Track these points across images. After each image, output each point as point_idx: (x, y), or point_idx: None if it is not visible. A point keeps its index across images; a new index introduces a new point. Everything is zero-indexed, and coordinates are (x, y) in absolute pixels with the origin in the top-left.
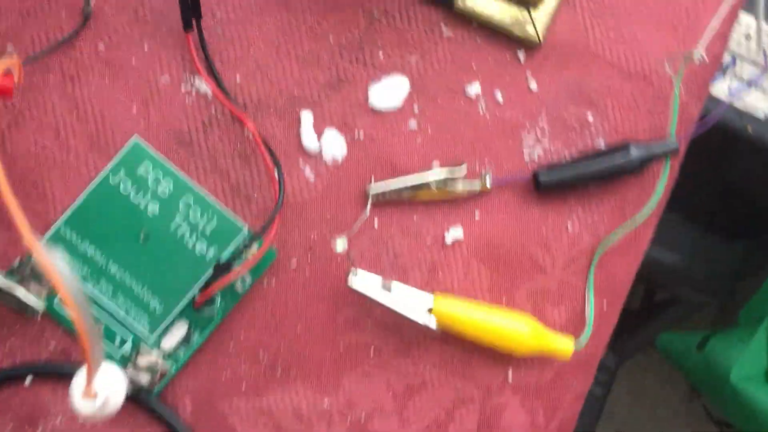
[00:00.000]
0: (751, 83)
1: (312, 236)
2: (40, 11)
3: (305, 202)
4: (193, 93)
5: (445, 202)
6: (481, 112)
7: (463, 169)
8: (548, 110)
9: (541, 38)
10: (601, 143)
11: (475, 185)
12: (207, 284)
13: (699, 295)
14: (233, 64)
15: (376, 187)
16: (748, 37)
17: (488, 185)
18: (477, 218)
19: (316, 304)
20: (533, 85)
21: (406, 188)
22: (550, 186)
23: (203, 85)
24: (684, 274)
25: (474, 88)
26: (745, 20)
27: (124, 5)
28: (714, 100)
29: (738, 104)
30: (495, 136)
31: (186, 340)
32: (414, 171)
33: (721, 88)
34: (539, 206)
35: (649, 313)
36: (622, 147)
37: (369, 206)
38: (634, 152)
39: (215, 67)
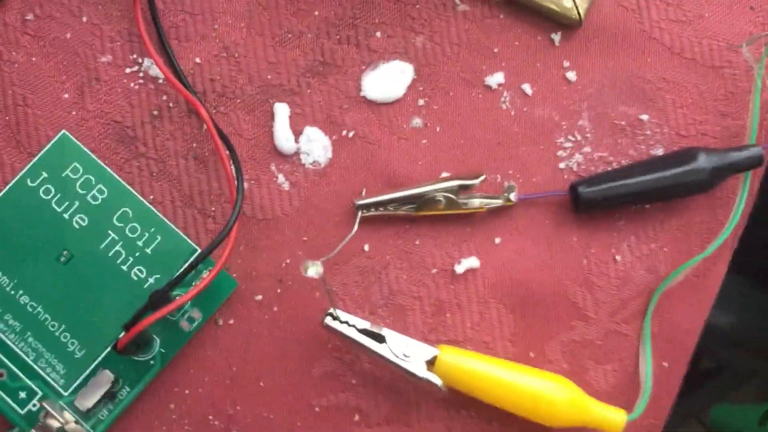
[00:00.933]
0: None
1: (283, 263)
2: None
3: (277, 217)
4: (141, 77)
5: (456, 221)
6: (505, 108)
7: (479, 180)
8: (590, 107)
9: (582, 16)
10: (659, 151)
11: (496, 201)
12: (135, 320)
13: (752, 361)
14: (192, 42)
15: (367, 200)
16: None
17: (513, 200)
18: (497, 243)
19: (286, 351)
20: (571, 76)
21: (406, 202)
22: (593, 204)
23: (153, 68)
24: (734, 337)
25: (496, 78)
26: None
27: None
28: None
29: None
30: (522, 139)
31: (110, 395)
32: (417, 181)
33: None
34: (579, 231)
35: (693, 382)
36: (688, 155)
37: (357, 224)
38: (704, 162)
39: (169, 45)
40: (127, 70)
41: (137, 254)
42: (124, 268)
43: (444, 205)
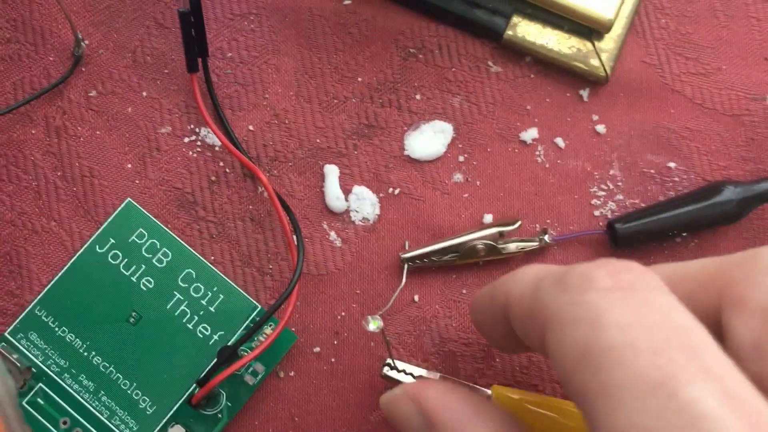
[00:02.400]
0: None
1: (338, 315)
2: (25, 56)
3: (330, 273)
4: (198, 145)
5: (497, 267)
6: (540, 161)
7: (516, 226)
8: (620, 157)
9: (608, 72)
10: None
11: (532, 243)
12: (207, 376)
13: None
14: (245, 111)
15: (412, 253)
16: None
17: (547, 241)
18: None
19: (345, 401)
20: (601, 129)
21: (449, 252)
22: (629, 239)
23: (210, 136)
24: None
25: (530, 134)
26: None
27: (121, 46)
28: None
29: None
30: (557, 190)
31: None
32: (462, 231)
33: None
34: None
35: None
36: (717, 188)
37: (405, 276)
38: (731, 194)
39: (224, 114)
40: (186, 140)
41: (202, 313)
42: (190, 326)
43: (484, 252)
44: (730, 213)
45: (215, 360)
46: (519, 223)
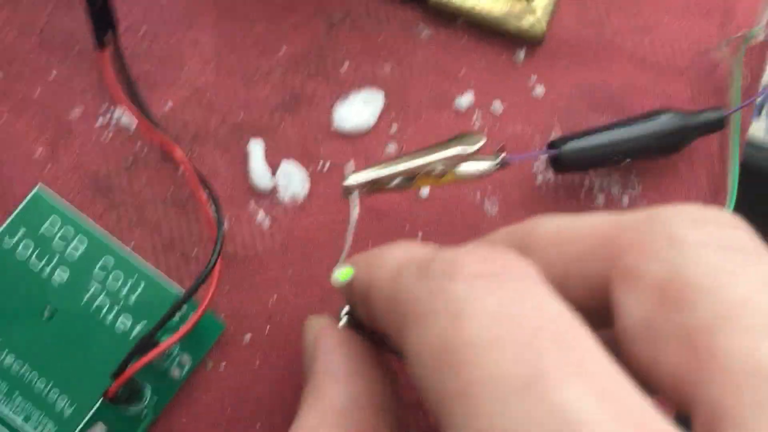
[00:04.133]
0: None
1: (270, 300)
2: None
3: (260, 255)
4: (113, 127)
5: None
6: (477, 127)
7: (481, 145)
8: (562, 120)
9: (544, 32)
10: None
11: (489, 162)
12: (123, 367)
13: None
14: (162, 88)
15: (355, 178)
16: None
17: (506, 161)
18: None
19: (281, 389)
20: (539, 91)
21: (399, 177)
22: (572, 159)
23: (125, 117)
24: None
25: (466, 99)
26: None
27: (27, 25)
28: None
29: None
30: None
31: None
32: (396, 209)
33: (757, 128)
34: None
35: None
36: (656, 113)
37: (356, 208)
38: (668, 119)
39: (139, 93)
40: (99, 121)
41: (121, 303)
42: (109, 318)
43: (441, 175)
44: (668, 139)
45: (131, 349)
46: (483, 141)
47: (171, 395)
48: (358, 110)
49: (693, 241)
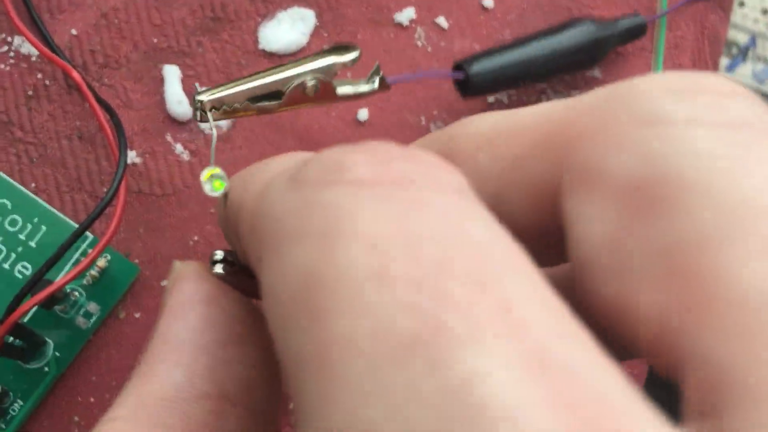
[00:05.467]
0: None
1: (191, 240)
2: None
3: (179, 192)
4: (12, 57)
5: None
6: (420, 45)
7: (355, 56)
8: (514, 34)
9: None
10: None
11: (366, 85)
12: (9, 309)
13: None
14: (66, 13)
15: (210, 94)
16: (765, 12)
17: (384, 83)
18: None
19: None
20: (488, 3)
21: (265, 94)
22: (481, 81)
23: (25, 45)
24: None
25: (406, 14)
26: None
27: None
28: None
29: (766, 89)
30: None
31: (0, 411)
32: (333, 135)
33: (743, 73)
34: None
35: None
36: (571, 23)
37: (213, 128)
38: (586, 28)
39: (40, 18)
40: None
41: (20, 249)
42: (6, 265)
43: (314, 91)
44: (585, 51)
45: (19, 291)
46: (358, 52)
47: (77, 349)
48: (286, 30)
49: (677, 118)
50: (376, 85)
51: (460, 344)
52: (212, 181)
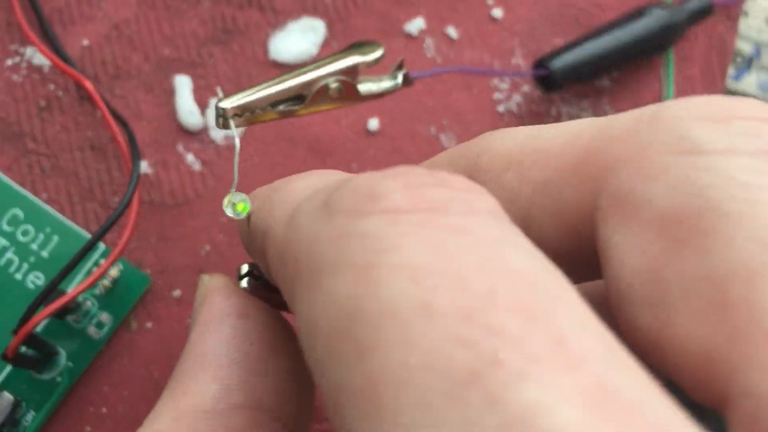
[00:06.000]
0: None
1: (203, 251)
2: None
3: (190, 202)
4: (24, 68)
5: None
6: (430, 56)
7: (380, 54)
8: (523, 44)
9: None
10: (605, 82)
11: (389, 82)
12: (23, 320)
13: None
14: (78, 25)
15: (231, 101)
16: None
17: (408, 79)
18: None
19: None
20: (498, 13)
21: (287, 98)
22: (564, 76)
23: (37, 57)
24: None
25: (416, 24)
26: (766, 3)
27: None
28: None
29: None
30: (452, 86)
31: (12, 422)
32: (343, 144)
33: (748, 83)
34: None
35: None
36: (639, 11)
37: (237, 138)
38: (656, 14)
39: (52, 30)
40: (9, 62)
41: (32, 259)
42: (19, 276)
43: (337, 94)
44: (659, 36)
45: (33, 301)
46: (382, 50)
47: (89, 359)
48: (296, 40)
49: (715, 147)
50: (400, 80)
51: (519, 378)
52: (235, 205)
